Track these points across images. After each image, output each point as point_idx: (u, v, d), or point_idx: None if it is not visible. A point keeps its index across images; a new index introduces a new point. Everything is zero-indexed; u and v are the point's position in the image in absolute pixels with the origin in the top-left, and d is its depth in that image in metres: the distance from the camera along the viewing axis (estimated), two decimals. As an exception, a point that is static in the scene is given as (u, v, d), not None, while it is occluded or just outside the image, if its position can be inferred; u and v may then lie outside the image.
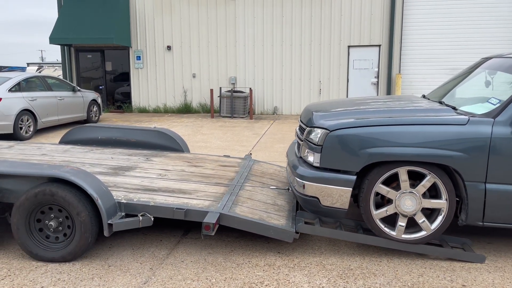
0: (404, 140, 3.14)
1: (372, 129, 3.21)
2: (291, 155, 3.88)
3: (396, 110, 3.48)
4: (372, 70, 13.63)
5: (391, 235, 3.32)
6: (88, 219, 3.13)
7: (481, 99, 3.48)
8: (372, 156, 3.17)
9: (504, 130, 3.09)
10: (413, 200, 3.25)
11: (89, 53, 15.18)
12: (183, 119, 12.82)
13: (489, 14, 12.79)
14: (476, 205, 3.17)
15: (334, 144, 3.24)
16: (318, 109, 3.80)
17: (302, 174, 3.36)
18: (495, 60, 3.87)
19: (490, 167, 3.10)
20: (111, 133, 5.55)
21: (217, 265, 3.22)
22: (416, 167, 3.20)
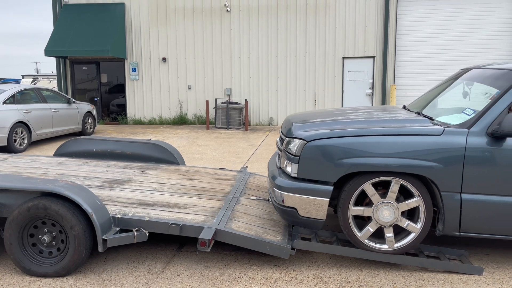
0: (381, 151, 3.15)
1: (348, 139, 3.22)
2: (272, 165, 3.87)
3: (374, 121, 3.50)
4: (367, 81, 13.73)
5: (384, 249, 3.31)
6: (82, 233, 3.09)
7: (458, 110, 3.51)
8: (349, 166, 3.18)
9: (478, 140, 3.11)
10: (391, 208, 3.25)
11: (85, 65, 15.18)
12: (179, 130, 12.80)
13: (482, 26, 12.97)
14: (452, 215, 3.18)
15: (311, 154, 3.25)
16: (297, 119, 3.81)
17: (280, 185, 3.35)
18: (474, 71, 3.91)
19: (465, 177, 3.11)
20: (106, 146, 5.52)
21: (213, 279, 3.18)
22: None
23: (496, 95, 3.25)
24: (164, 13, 14.31)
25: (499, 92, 3.24)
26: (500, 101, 3.18)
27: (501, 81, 3.35)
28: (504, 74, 3.41)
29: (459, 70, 4.36)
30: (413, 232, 3.28)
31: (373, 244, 3.33)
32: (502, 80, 3.35)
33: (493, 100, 3.21)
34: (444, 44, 13.24)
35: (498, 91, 3.26)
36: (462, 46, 13.16)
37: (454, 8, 13.05)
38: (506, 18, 12.83)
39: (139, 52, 14.56)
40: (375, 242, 3.34)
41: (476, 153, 3.10)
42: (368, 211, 3.30)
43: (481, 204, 3.14)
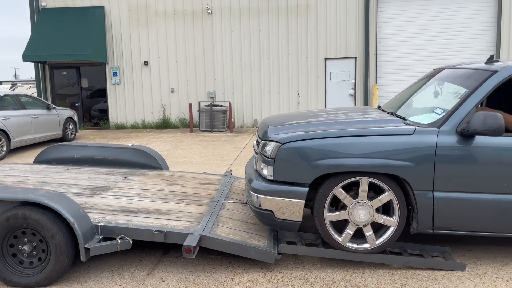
0: (354, 151, 3.18)
1: (322, 141, 3.24)
2: (249, 168, 3.88)
3: (347, 122, 3.53)
4: (349, 81, 13.85)
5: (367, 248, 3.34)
6: (64, 242, 3.03)
7: (430, 109, 3.57)
8: (323, 167, 3.20)
9: (448, 139, 3.17)
10: (365, 208, 3.29)
11: (64, 70, 14.94)
12: (162, 134, 12.69)
13: (462, 25, 13.23)
14: (425, 213, 3.23)
15: (286, 157, 3.27)
16: (273, 122, 3.83)
17: (256, 188, 3.36)
18: (446, 71, 3.98)
19: (437, 176, 3.16)
20: (87, 152, 5.43)
21: (199, 284, 3.16)
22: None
23: (464, 94, 3.31)
24: (144, 16, 14.19)
25: (467, 92, 3.31)
26: (469, 100, 3.24)
27: (470, 81, 3.42)
28: (473, 74, 3.48)
29: (431, 70, 4.43)
30: (391, 226, 3.31)
31: (356, 246, 3.35)
32: (471, 80, 3.42)
33: (462, 99, 3.28)
34: (425, 44, 13.46)
35: (467, 91, 3.33)
36: (443, 45, 13.39)
37: (434, 8, 13.29)
38: (486, 17, 13.12)
39: (120, 56, 14.40)
40: (357, 243, 3.37)
41: (447, 152, 3.15)
42: (344, 214, 3.33)
43: (452, 202, 3.19)
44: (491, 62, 3.57)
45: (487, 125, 3.00)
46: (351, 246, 3.35)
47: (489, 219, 3.21)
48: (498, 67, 3.31)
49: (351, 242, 3.36)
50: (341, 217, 3.33)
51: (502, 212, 3.19)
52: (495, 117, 2.99)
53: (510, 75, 3.25)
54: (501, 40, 12.92)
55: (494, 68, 3.34)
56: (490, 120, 3.00)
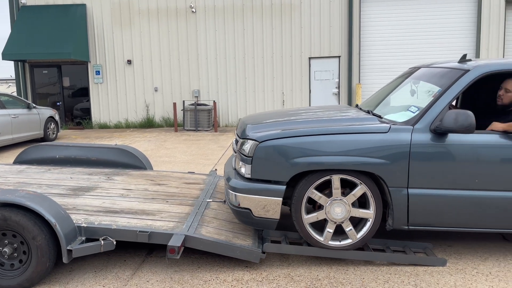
0: (330, 149, 3.22)
1: (299, 139, 3.27)
2: (228, 167, 3.88)
3: (324, 120, 3.57)
4: (333, 80, 13.96)
5: (349, 243, 3.37)
6: (45, 243, 2.98)
7: (405, 108, 3.63)
8: (300, 165, 3.23)
9: (422, 136, 3.23)
10: (341, 204, 3.33)
11: (45, 69, 14.68)
12: (146, 134, 12.59)
13: (444, 24, 13.44)
14: (400, 210, 3.28)
15: (264, 155, 3.29)
16: (251, 121, 3.85)
17: (234, 186, 3.37)
18: (421, 70, 4.04)
19: (411, 173, 3.22)
20: (69, 152, 5.35)
21: (183, 283, 3.15)
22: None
23: (438, 93, 3.38)
24: (127, 14, 14.04)
25: (440, 90, 3.37)
26: (442, 99, 3.30)
27: (443, 79, 3.49)
28: (446, 73, 3.55)
29: (408, 68, 4.49)
30: (369, 218, 3.35)
31: (338, 243, 3.39)
32: (444, 79, 3.49)
33: (435, 98, 3.34)
34: (407, 43, 13.65)
35: (440, 89, 3.39)
36: (425, 44, 13.60)
37: (416, 8, 13.48)
38: (466, 17, 13.37)
39: (103, 54, 14.22)
40: (339, 240, 3.40)
41: (421, 149, 3.21)
42: (321, 214, 3.36)
43: (426, 198, 3.26)
44: (463, 61, 3.64)
45: (459, 123, 3.06)
46: (334, 244, 3.38)
47: (462, 214, 3.29)
48: (470, 66, 3.38)
49: (333, 240, 3.39)
50: (319, 217, 3.37)
51: (474, 207, 3.27)
52: (466, 115, 3.06)
53: (481, 73, 3.32)
54: (481, 39, 13.19)
55: (466, 67, 3.41)
56: (461, 118, 3.06)
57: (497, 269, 3.34)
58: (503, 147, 3.22)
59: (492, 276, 3.24)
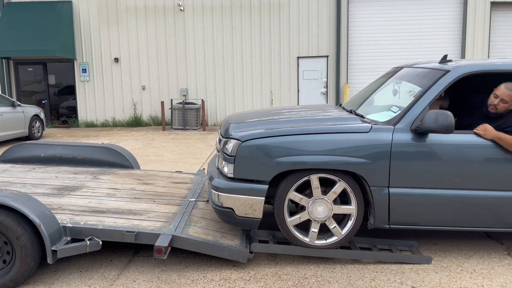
0: (312, 149, 3.23)
1: (281, 138, 3.28)
2: (212, 166, 3.87)
3: (307, 120, 3.58)
4: (321, 80, 14.02)
5: (335, 240, 3.39)
6: (29, 243, 2.94)
7: (387, 107, 3.66)
8: (282, 165, 3.24)
9: (403, 136, 3.26)
10: (322, 203, 3.34)
11: (30, 66, 14.45)
12: (133, 132, 12.48)
13: (431, 25, 13.59)
14: (382, 209, 3.32)
15: (246, 154, 3.28)
16: (234, 120, 3.84)
17: (217, 186, 3.36)
18: (404, 70, 4.08)
19: (392, 172, 3.26)
20: (55, 150, 5.28)
21: (171, 283, 3.13)
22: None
23: (419, 93, 3.41)
24: (114, 12, 13.89)
25: (421, 90, 3.41)
26: (422, 99, 3.34)
27: (424, 80, 3.52)
28: (427, 73, 3.58)
29: (391, 68, 4.52)
30: (352, 213, 3.37)
31: (325, 241, 3.40)
32: (425, 79, 3.52)
33: (416, 98, 3.38)
34: (395, 43, 13.77)
35: (421, 89, 3.43)
36: (412, 44, 13.73)
37: (404, 8, 13.60)
38: (453, 18, 13.53)
39: (90, 52, 14.05)
40: (325, 238, 3.42)
41: (402, 149, 3.24)
42: (304, 215, 3.37)
43: (407, 197, 3.29)
44: (444, 62, 3.68)
45: (439, 123, 3.10)
46: (320, 243, 3.40)
47: (442, 213, 3.34)
48: (451, 67, 3.42)
49: (319, 239, 3.41)
50: (302, 219, 3.38)
51: (454, 206, 3.32)
52: (446, 116, 3.09)
53: (461, 74, 3.36)
54: (466, 40, 13.38)
55: (447, 67, 3.45)
56: (441, 118, 3.10)
57: (481, 267, 3.40)
58: (482, 147, 3.27)
59: (477, 273, 3.29)
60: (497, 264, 3.45)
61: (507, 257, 3.58)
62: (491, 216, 3.34)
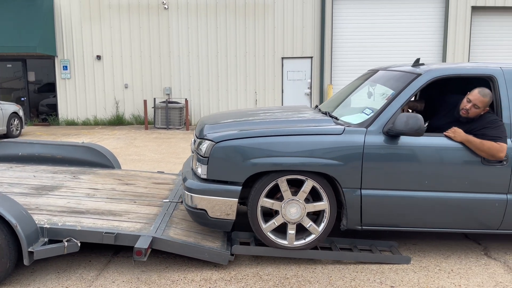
0: (285, 150, 3.24)
1: (254, 140, 3.27)
2: (187, 167, 3.84)
3: (281, 121, 3.59)
4: (305, 81, 14.09)
5: (313, 239, 3.40)
6: (5, 244, 2.87)
7: (361, 110, 3.70)
8: (255, 166, 3.24)
9: (375, 139, 3.30)
10: (297, 207, 3.35)
11: (9, 62, 14.12)
12: (115, 131, 12.32)
13: (414, 26, 13.77)
14: (354, 210, 3.35)
15: (219, 155, 3.27)
16: (209, 120, 3.83)
17: (190, 187, 3.34)
18: (380, 73, 4.11)
19: (364, 174, 3.29)
20: (33, 149, 5.16)
21: (151, 283, 3.10)
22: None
23: (391, 95, 3.46)
24: (97, 8, 13.69)
25: (394, 93, 3.45)
26: (394, 102, 3.38)
27: (397, 83, 3.57)
28: (400, 76, 3.63)
29: (367, 70, 4.56)
30: (325, 209, 3.38)
31: (304, 241, 3.40)
32: (398, 82, 3.57)
33: (389, 101, 3.42)
34: (378, 45, 13.92)
35: (394, 92, 3.47)
36: (395, 47, 13.91)
37: (388, 10, 13.76)
38: (435, 20, 13.76)
39: (71, 49, 13.81)
40: (304, 238, 3.42)
41: (374, 151, 3.27)
42: (279, 219, 3.38)
43: (379, 199, 3.33)
44: (417, 65, 3.73)
45: (409, 126, 3.13)
46: (299, 243, 3.40)
47: (414, 215, 3.38)
48: (422, 70, 3.48)
49: (297, 240, 3.41)
50: (277, 223, 3.38)
51: (425, 208, 3.37)
52: (416, 119, 3.13)
53: (433, 77, 3.42)
54: (448, 42, 13.62)
55: (418, 71, 3.50)
56: (411, 121, 3.13)
57: (459, 266, 3.46)
58: (452, 150, 3.32)
59: (454, 273, 3.35)
60: (474, 264, 3.52)
61: (484, 257, 3.65)
62: (461, 217, 3.41)
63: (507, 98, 3.44)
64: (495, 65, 3.56)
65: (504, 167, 3.34)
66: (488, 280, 3.24)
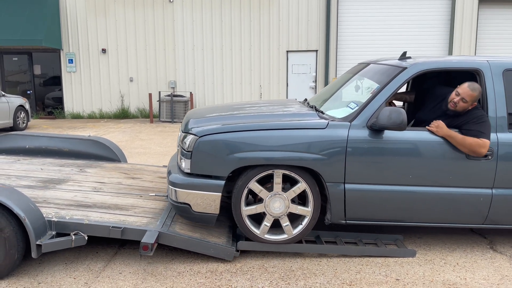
0: (269, 144, 3.22)
1: (238, 134, 3.26)
2: (172, 161, 3.84)
3: (266, 115, 3.56)
4: (310, 74, 14.04)
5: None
6: (13, 235, 2.90)
7: (346, 104, 3.66)
8: (239, 160, 3.23)
9: (359, 133, 3.27)
10: (282, 203, 3.35)
11: (15, 56, 14.18)
12: (121, 124, 12.37)
13: (417, 22, 13.67)
14: (338, 204, 3.34)
15: (203, 149, 3.26)
16: (195, 115, 3.81)
17: (173, 181, 3.34)
18: (370, 66, 4.03)
19: (348, 168, 3.27)
20: (40, 142, 5.19)
21: (157, 275, 3.13)
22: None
23: (376, 89, 3.42)
24: (102, 2, 13.68)
25: (379, 87, 3.42)
26: (379, 96, 3.35)
27: (383, 77, 3.53)
28: (387, 70, 3.59)
29: (357, 64, 4.50)
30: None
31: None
32: (384, 76, 3.53)
33: (373, 95, 3.39)
34: (383, 38, 13.83)
35: (379, 86, 3.44)
36: (400, 40, 13.81)
37: (394, 3, 13.65)
38: (442, 14, 13.64)
39: (76, 42, 13.83)
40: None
41: (357, 145, 3.25)
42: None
43: (363, 193, 3.32)
44: (403, 59, 3.69)
45: (392, 120, 3.11)
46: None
47: (398, 209, 3.37)
48: (408, 64, 3.44)
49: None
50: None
51: (409, 202, 3.35)
52: (399, 113, 3.10)
53: (418, 71, 3.39)
54: (454, 36, 13.50)
55: (404, 64, 3.47)
56: (394, 115, 3.10)
57: (464, 260, 3.46)
58: (435, 144, 3.29)
59: (459, 266, 3.35)
60: (480, 257, 3.52)
61: (489, 251, 3.65)
62: (446, 212, 3.39)
63: (493, 91, 3.38)
64: (482, 58, 3.50)
65: (489, 161, 3.31)
66: (493, 273, 3.24)
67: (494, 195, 3.37)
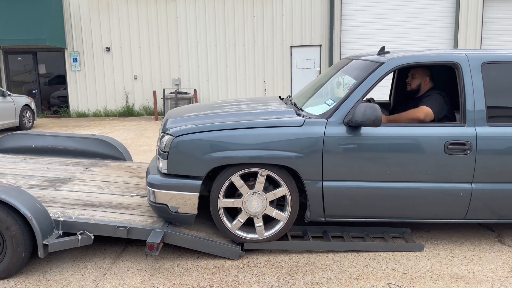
0: (245, 143, 3.19)
1: (214, 133, 3.23)
2: (153, 161, 3.81)
3: (243, 114, 3.51)
4: (314, 69, 13.98)
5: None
6: (20, 233, 2.92)
7: (324, 100, 3.62)
8: (215, 160, 3.20)
9: (336, 130, 3.23)
10: (260, 203, 3.32)
11: (20, 55, 14.24)
12: (126, 122, 12.40)
13: (423, 16, 13.56)
14: (316, 202, 3.31)
15: (179, 150, 3.23)
16: (173, 115, 3.77)
17: (151, 182, 3.31)
18: (352, 62, 3.94)
19: (325, 166, 3.23)
20: (46, 141, 5.22)
21: (164, 271, 3.14)
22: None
23: (353, 85, 3.38)
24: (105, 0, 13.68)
25: (356, 83, 3.38)
26: (356, 92, 3.31)
27: (361, 72, 3.48)
28: (365, 65, 3.53)
29: (340, 59, 4.43)
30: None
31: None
32: (362, 71, 3.47)
33: (350, 91, 3.34)
34: (388, 33, 13.74)
35: (356, 82, 3.39)
36: (405, 35, 13.71)
37: (395, -2, 13.55)
38: (447, 7, 13.51)
39: (80, 41, 13.87)
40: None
41: (334, 142, 3.21)
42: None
43: (341, 190, 3.28)
44: (382, 54, 3.63)
45: (366, 117, 3.08)
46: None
47: (377, 206, 3.34)
48: (385, 59, 3.39)
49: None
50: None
51: (387, 198, 3.31)
52: (373, 109, 3.07)
53: (395, 66, 3.34)
54: (459, 30, 13.39)
55: (382, 59, 3.41)
56: (369, 111, 3.07)
57: (472, 253, 3.44)
58: (411, 139, 3.24)
59: (467, 260, 3.33)
60: (488, 251, 3.50)
61: (497, 244, 3.62)
62: (426, 207, 3.35)
63: (471, 85, 3.32)
64: (460, 51, 3.44)
65: (468, 156, 3.26)
66: (502, 266, 3.22)
67: (474, 189, 3.32)
